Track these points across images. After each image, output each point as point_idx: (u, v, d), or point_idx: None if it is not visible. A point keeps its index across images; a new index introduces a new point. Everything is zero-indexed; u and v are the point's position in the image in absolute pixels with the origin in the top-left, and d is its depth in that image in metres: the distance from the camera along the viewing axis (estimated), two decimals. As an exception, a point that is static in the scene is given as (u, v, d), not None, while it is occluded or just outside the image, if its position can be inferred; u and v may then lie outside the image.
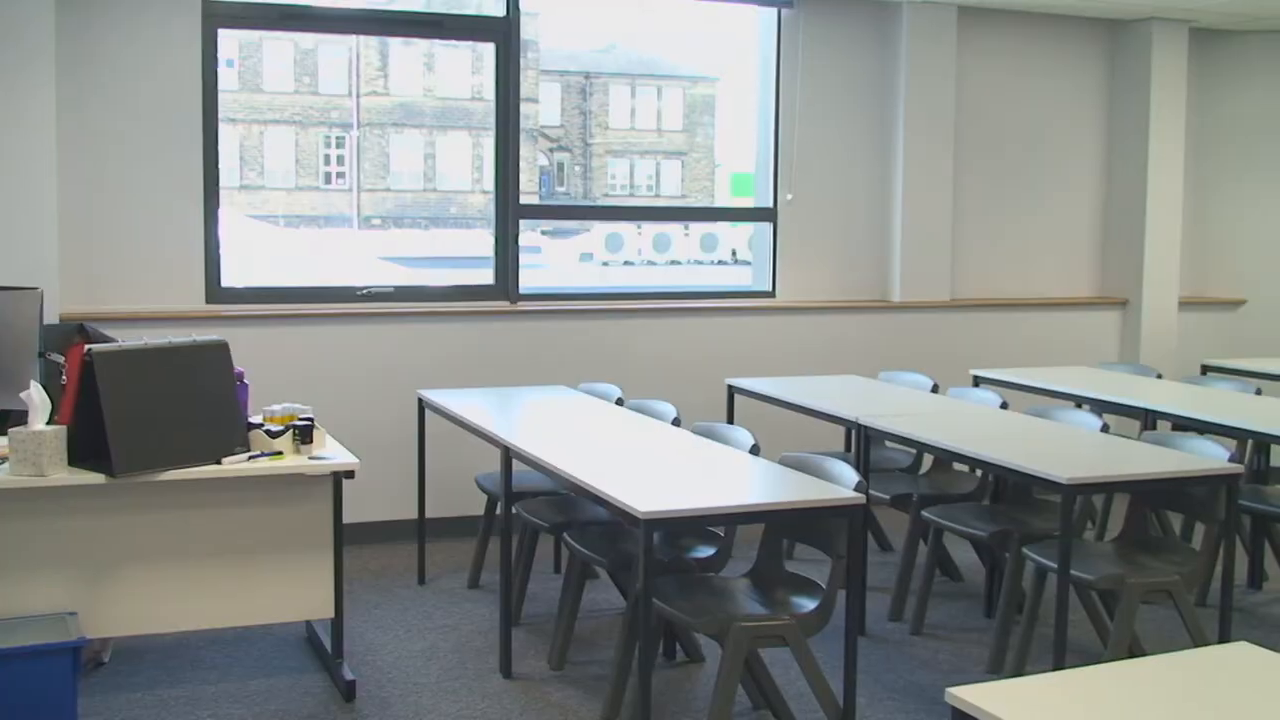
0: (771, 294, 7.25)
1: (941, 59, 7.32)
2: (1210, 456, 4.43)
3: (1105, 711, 2.25)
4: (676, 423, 5.03)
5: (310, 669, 4.71)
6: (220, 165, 6.20)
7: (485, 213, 6.77)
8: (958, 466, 5.65)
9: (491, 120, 6.68)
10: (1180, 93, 7.74)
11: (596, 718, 4.31)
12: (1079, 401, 5.93)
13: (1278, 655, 2.52)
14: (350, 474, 4.42)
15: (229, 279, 6.23)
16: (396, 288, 6.57)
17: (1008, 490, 5.27)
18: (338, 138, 19.77)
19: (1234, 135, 8.15)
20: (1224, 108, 8.15)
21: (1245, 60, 8.11)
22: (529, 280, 6.91)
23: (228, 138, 6.38)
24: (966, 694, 2.29)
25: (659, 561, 4.35)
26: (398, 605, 5.47)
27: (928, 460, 5.83)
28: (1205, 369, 6.93)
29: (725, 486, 4.03)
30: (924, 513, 5.16)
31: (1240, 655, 2.57)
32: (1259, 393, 6.01)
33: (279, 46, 18.57)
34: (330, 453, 4.46)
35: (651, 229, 19.16)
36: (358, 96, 19.68)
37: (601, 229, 18.99)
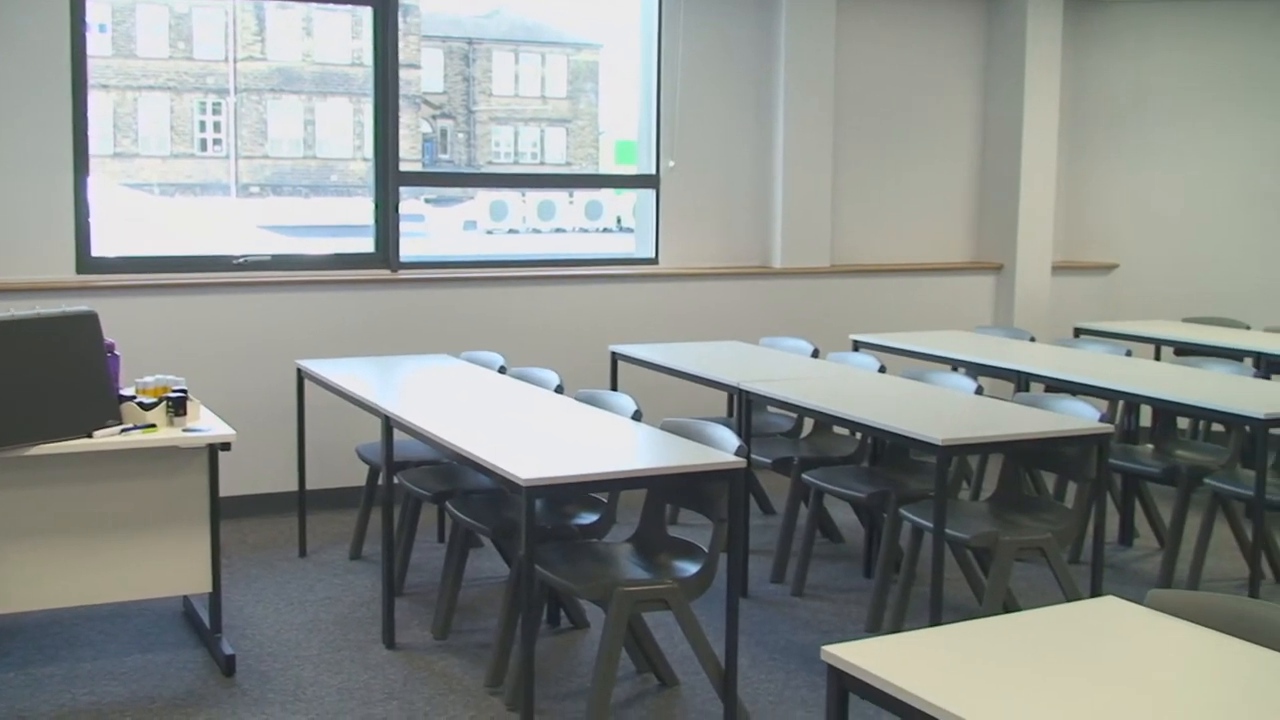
0: (654, 261, 7.26)
1: (820, 27, 7.37)
2: (1081, 417, 4.54)
3: (975, 665, 2.30)
4: (559, 390, 5.02)
5: (188, 644, 4.64)
6: (92, 132, 6.04)
7: (367, 180, 6.68)
8: (838, 430, 5.72)
9: (371, 86, 6.59)
10: (1054, 61, 7.89)
11: (480, 686, 4.30)
12: (955, 365, 6.03)
13: (1142, 608, 2.60)
14: (226, 446, 4.35)
15: (100, 248, 6.08)
16: (274, 256, 6.46)
17: (886, 452, 5.36)
18: (214, 104, 19.37)
19: (1107, 103, 8.33)
20: (1097, 76, 8.32)
21: (1118, 29, 8.28)
22: (411, 249, 6.84)
23: (100, 104, 6.23)
24: (841, 651, 2.33)
25: (542, 528, 4.36)
26: (278, 578, 5.41)
27: (808, 424, 5.90)
28: (1078, 332, 7.09)
29: (607, 453, 4.04)
30: (804, 476, 5.22)
31: (1107, 608, 2.64)
32: (1129, 354, 6.16)
33: (153, 11, 18.11)
34: (205, 425, 4.39)
35: (536, 197, 19.07)
36: (234, 62, 19.28)
37: (485, 197, 18.85)
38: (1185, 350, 6.62)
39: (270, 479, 6.26)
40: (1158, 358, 6.88)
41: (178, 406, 4.34)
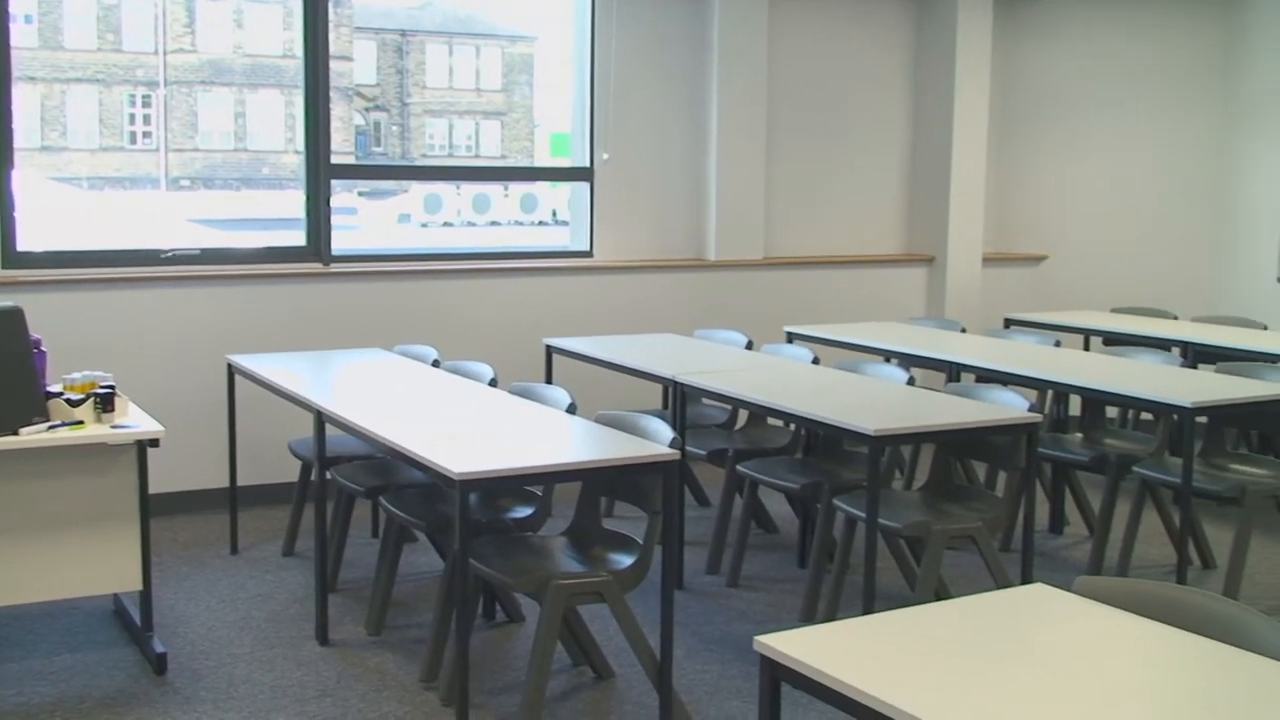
0: (589, 254, 7.25)
1: (753, 21, 7.40)
2: (1011, 407, 4.59)
3: (905, 652, 2.32)
4: (494, 383, 5.01)
5: (119, 643, 4.59)
6: (18, 126, 5.94)
7: (299, 173, 6.62)
8: (772, 421, 5.76)
9: (302, 78, 6.52)
10: (984, 56, 7.96)
11: (415, 681, 4.29)
12: (887, 356, 6.08)
13: (1070, 595, 2.63)
14: (155, 443, 4.30)
15: (26, 243, 5.98)
16: (203, 250, 6.39)
17: (819, 443, 5.39)
18: (144, 96, 19.10)
19: (1036, 97, 8.42)
20: (1027, 70, 8.41)
21: (1048, 23, 8.36)
22: (343, 242, 6.79)
23: (27, 97, 6.12)
24: (773, 641, 2.34)
25: (476, 522, 4.34)
26: (210, 576, 5.35)
27: (743, 416, 5.92)
28: (1008, 323, 7.17)
29: (542, 446, 4.04)
30: (739, 467, 5.25)
31: (1036, 595, 2.67)
32: (1058, 345, 6.24)
33: (80, 2, 17.83)
34: (134, 421, 4.33)
35: (470, 190, 18.96)
36: (164, 54, 19.03)
37: (420, 190, 18.72)
38: (1113, 340, 6.72)
39: (201, 475, 6.20)
40: (1086, 348, 6.97)
41: (105, 403, 4.28)
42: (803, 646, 2.32)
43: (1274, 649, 2.36)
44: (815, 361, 5.61)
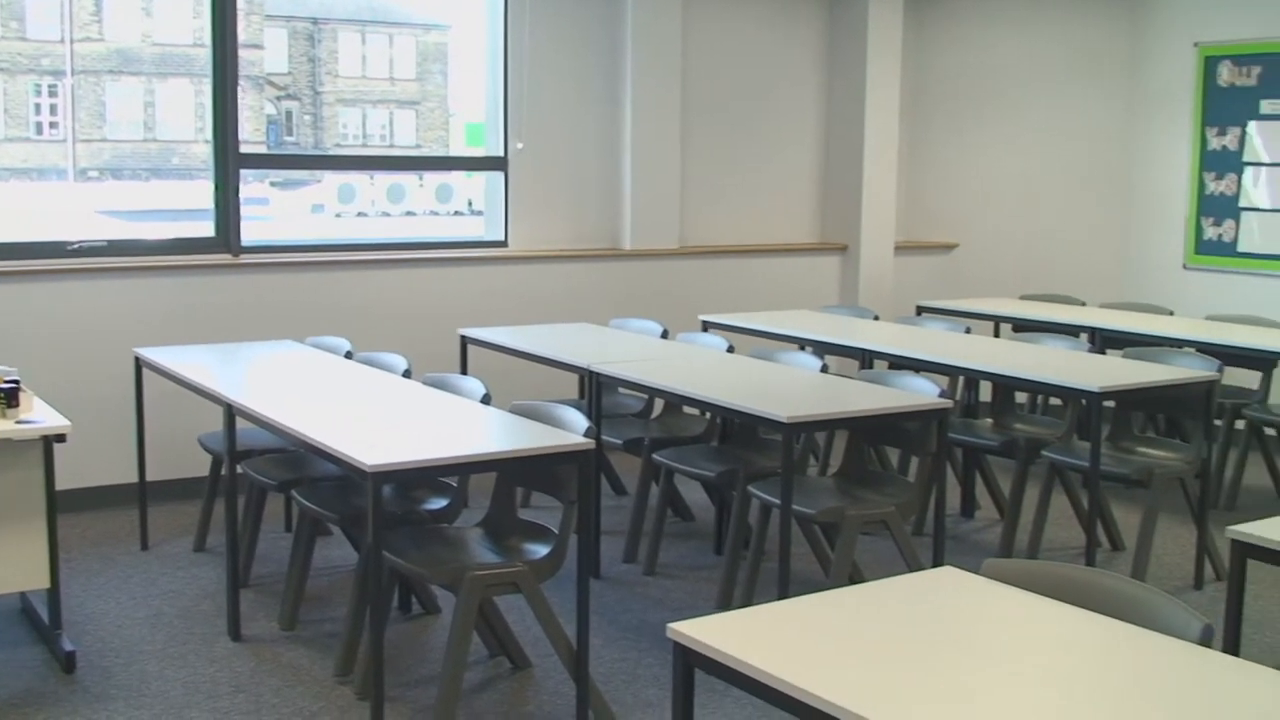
0: (504, 244, 7.23)
1: (668, 10, 7.40)
2: (922, 393, 4.64)
3: (816, 636, 2.34)
4: (407, 375, 4.98)
5: (26, 642, 4.50)
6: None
7: (210, 163, 6.53)
8: (687, 410, 5.77)
9: (210, 67, 6.43)
10: (895, 47, 8.02)
11: (329, 675, 4.25)
12: (801, 344, 6.12)
13: (978, 577, 2.67)
14: (62, 438, 4.22)
15: (-76, 235, 5.85)
16: (110, 242, 6.27)
17: (735, 431, 5.41)
18: (50, 86, 18.73)
19: (947, 89, 8.51)
20: (937, 61, 8.50)
21: (957, 16, 8.46)
22: (256, 233, 6.72)
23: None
24: (686, 628, 2.35)
25: (390, 514, 4.32)
26: (119, 572, 5.27)
27: (659, 405, 5.93)
28: (920, 310, 7.24)
29: (456, 437, 4.02)
30: (655, 456, 5.26)
31: (945, 578, 2.71)
32: (969, 331, 6.32)
33: (-20, -11, 17.44)
34: (39, 416, 4.25)
35: (385, 180, 18.83)
36: (71, 42, 18.69)
37: (333, 180, 18.55)
38: (1023, 326, 6.81)
39: (109, 471, 6.09)
40: (997, 334, 7.06)
41: (10, 398, 4.20)
42: (715, 633, 2.33)
43: (1178, 628, 2.41)
44: (730, 350, 5.63)
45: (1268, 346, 6.11)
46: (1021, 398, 6.60)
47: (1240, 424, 6.50)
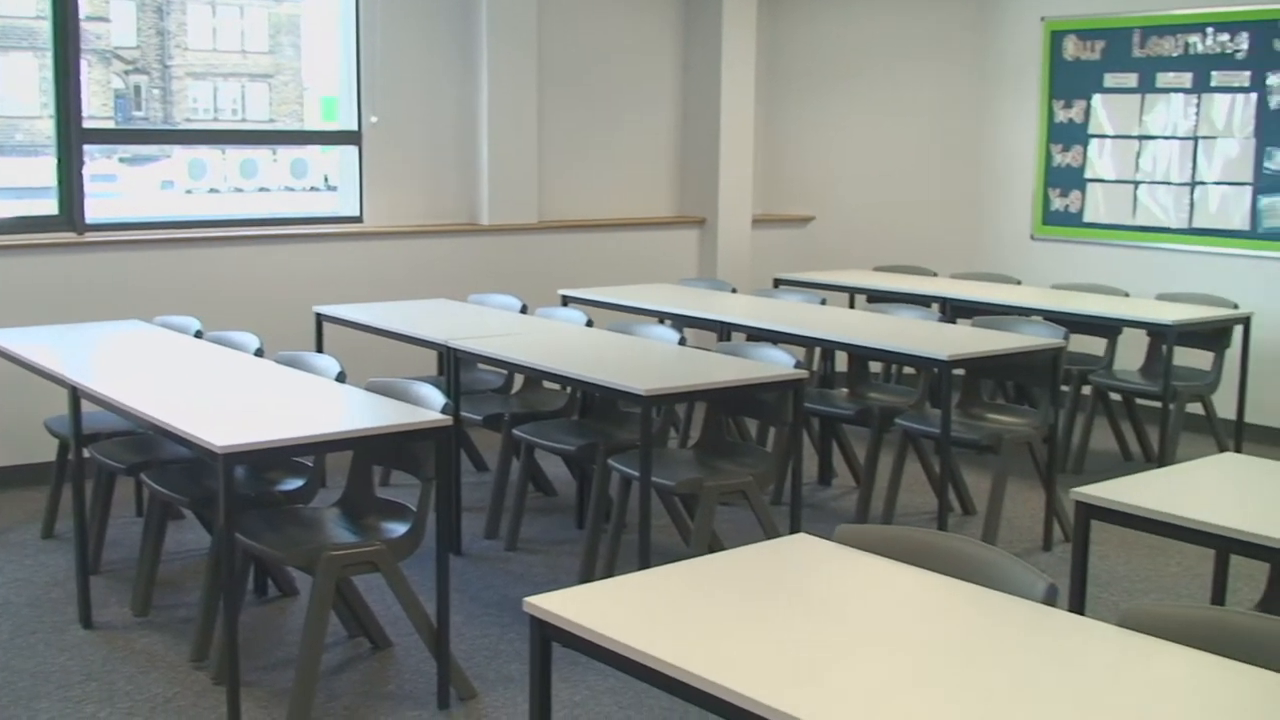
0: (359, 219, 7.13)
1: (521, -19, 7.35)
2: (778, 364, 4.70)
3: (670, 606, 2.35)
4: (260, 353, 4.88)
5: None
6: None
7: (52, 140, 6.32)
8: (548, 384, 5.76)
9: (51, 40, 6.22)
10: (750, 22, 8.07)
11: (185, 661, 4.17)
12: (660, 317, 6.15)
13: (830, 543, 2.71)
14: (-105, 423, 4.07)
15: None
16: (-54, 221, 6.05)
17: (595, 405, 5.42)
18: (-121, 59, 17.94)
19: (802, 64, 8.59)
20: (793, 38, 8.57)
21: (807, -12, 8.54)
22: (103, 210, 6.52)
23: None
24: (542, 602, 2.35)
25: (244, 496, 4.24)
26: (-38, 561, 5.10)
27: (519, 380, 5.91)
28: (777, 282, 7.32)
29: (310, 416, 3.95)
30: (515, 431, 5.24)
31: (798, 545, 2.75)
32: (824, 303, 6.41)
33: None
34: None
35: (237, 155, 18.40)
36: (-100, 13, 17.89)
37: (184, 155, 18.06)
38: (877, 297, 6.93)
39: (-50, 458, 5.89)
40: (852, 305, 7.17)
41: None
42: (572, 606, 2.33)
43: (1024, 589, 2.47)
44: (589, 324, 5.63)
45: (1112, 314, 6.31)
46: (876, 367, 6.73)
47: (1086, 389, 6.70)
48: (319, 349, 5.76)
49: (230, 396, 4.13)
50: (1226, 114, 7.28)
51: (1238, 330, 6.38)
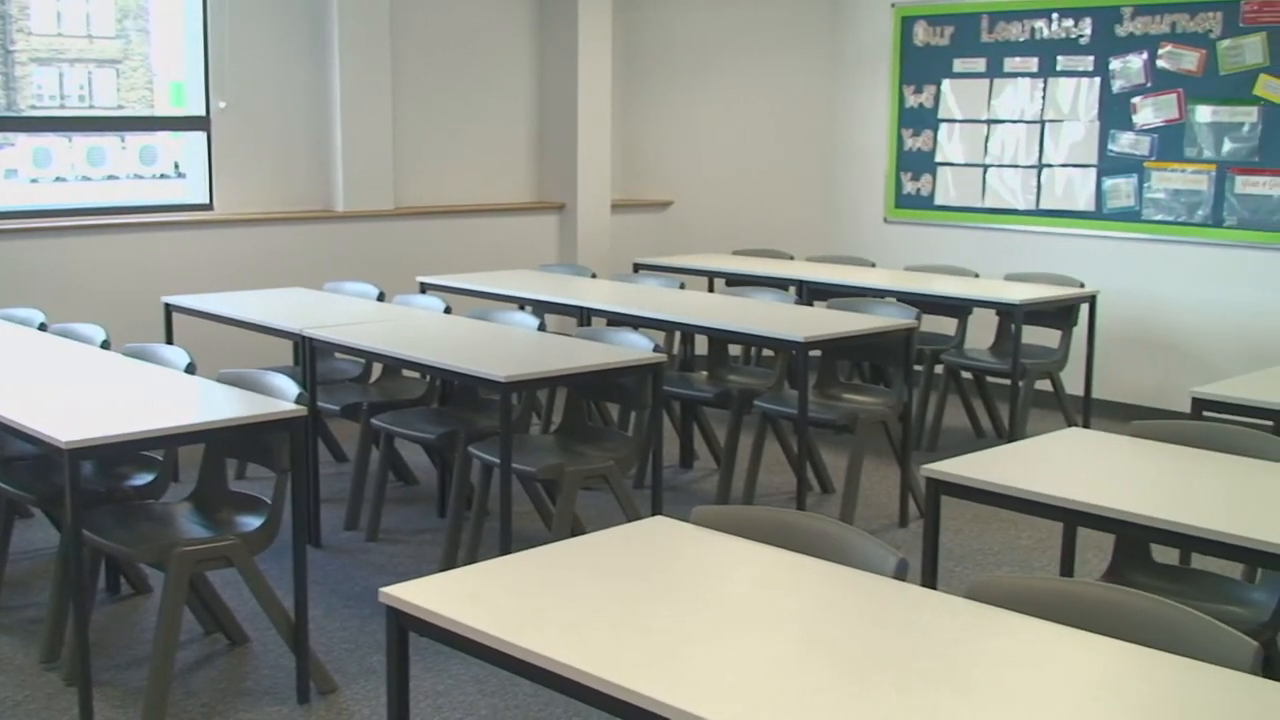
0: (209, 206, 6.98)
1: (374, -35, 7.25)
2: (638, 348, 4.72)
3: (526, 593, 2.35)
4: (106, 346, 4.75)
5: None
6: None
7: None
8: (407, 373, 5.72)
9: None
10: (606, 7, 8.07)
11: (35, 663, 4.05)
12: (520, 303, 6.12)
13: (687, 525, 2.73)
14: None
15: None
16: None
17: (455, 392, 5.38)
18: None
19: (659, 51, 8.61)
20: (650, 24, 8.58)
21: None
22: (-60, 201, 6.28)
23: None
24: (398, 591, 2.33)
25: (93, 492, 4.12)
26: None
27: (377, 369, 5.85)
28: (637, 267, 7.34)
29: (158, 409, 3.86)
30: (374, 420, 5.19)
31: (656, 527, 2.76)
32: (683, 287, 6.44)
33: None
34: None
35: (84, 142, 17.91)
36: None
37: (28, 143, 17.53)
38: (735, 281, 6.99)
39: None
40: (710, 289, 7.23)
41: None
42: (429, 594, 2.32)
43: (876, 564, 2.52)
44: (448, 311, 5.59)
45: (962, 294, 6.45)
46: (735, 350, 6.80)
47: (939, 369, 6.84)
48: (169, 340, 5.63)
49: (76, 390, 4.02)
50: (1071, 98, 7.48)
51: (1084, 308, 6.56)
